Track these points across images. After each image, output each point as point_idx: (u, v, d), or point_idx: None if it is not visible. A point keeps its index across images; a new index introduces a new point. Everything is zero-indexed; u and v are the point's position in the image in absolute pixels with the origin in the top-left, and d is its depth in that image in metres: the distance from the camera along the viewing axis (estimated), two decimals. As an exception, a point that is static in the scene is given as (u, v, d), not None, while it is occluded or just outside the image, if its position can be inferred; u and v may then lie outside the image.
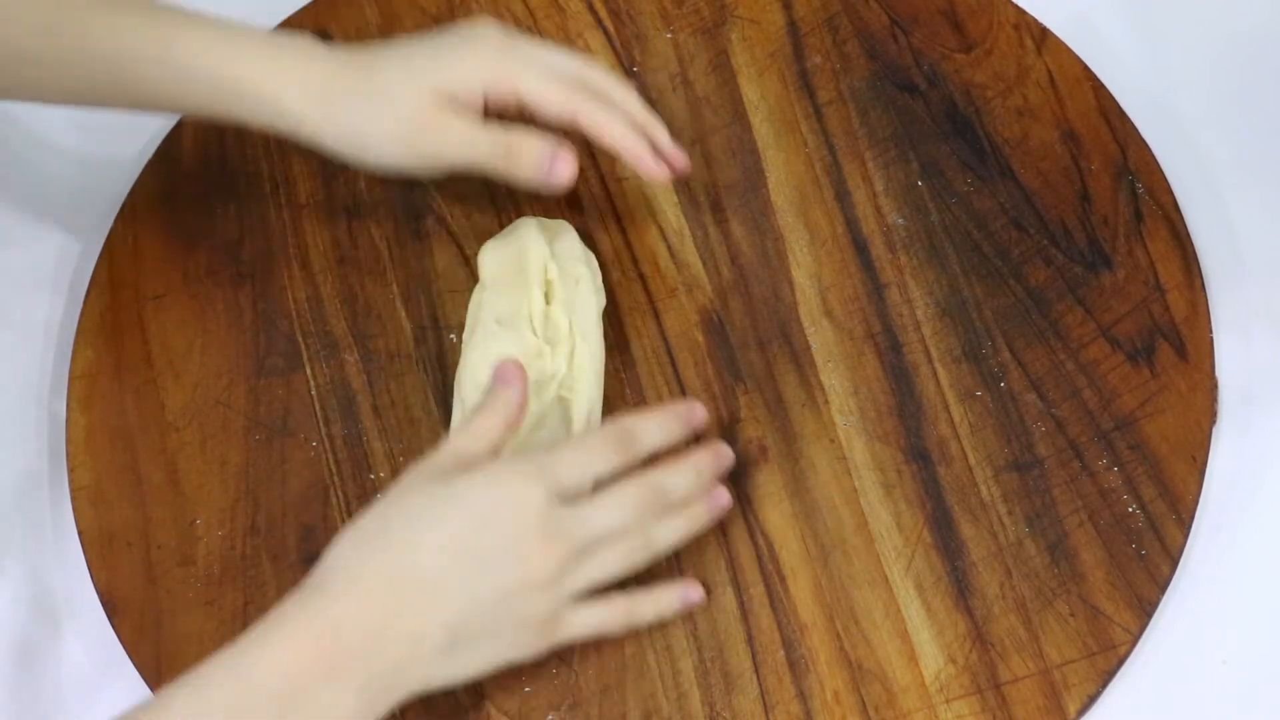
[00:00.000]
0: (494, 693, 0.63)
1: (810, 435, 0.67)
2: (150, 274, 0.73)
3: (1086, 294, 0.68)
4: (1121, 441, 0.65)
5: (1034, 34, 0.74)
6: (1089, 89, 0.73)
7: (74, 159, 0.79)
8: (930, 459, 0.66)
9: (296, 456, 0.69)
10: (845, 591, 0.64)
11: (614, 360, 0.69)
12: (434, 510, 0.57)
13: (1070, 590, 0.63)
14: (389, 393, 0.70)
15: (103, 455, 0.70)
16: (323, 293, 0.72)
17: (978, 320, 0.68)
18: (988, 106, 0.73)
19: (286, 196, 0.75)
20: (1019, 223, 0.70)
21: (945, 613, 0.63)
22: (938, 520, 0.65)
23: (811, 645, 0.63)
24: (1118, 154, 0.71)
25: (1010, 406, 0.66)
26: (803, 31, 0.76)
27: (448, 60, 0.65)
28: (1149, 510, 0.64)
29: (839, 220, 0.71)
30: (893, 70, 0.74)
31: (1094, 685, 0.61)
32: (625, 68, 0.76)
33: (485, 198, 0.74)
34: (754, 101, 0.75)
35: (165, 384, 0.71)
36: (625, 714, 0.62)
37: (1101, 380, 0.66)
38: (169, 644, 0.66)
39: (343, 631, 0.54)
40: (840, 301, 0.70)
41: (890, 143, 0.73)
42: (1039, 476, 0.65)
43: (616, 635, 0.62)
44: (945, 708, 0.61)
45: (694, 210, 0.72)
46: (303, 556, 0.66)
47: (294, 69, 0.64)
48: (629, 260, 0.72)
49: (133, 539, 0.68)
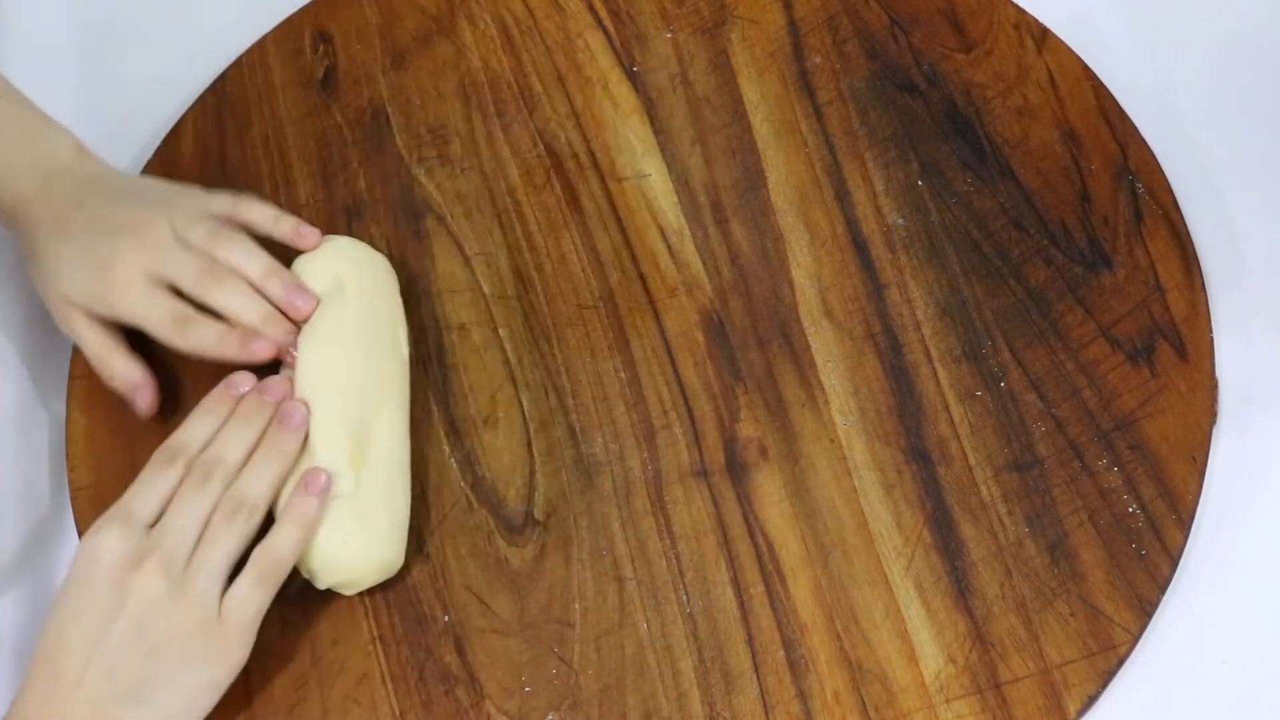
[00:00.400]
0: (494, 693, 0.63)
1: (810, 435, 0.67)
2: (150, 274, 0.73)
3: (1086, 294, 0.68)
4: (1121, 441, 0.65)
5: (1034, 34, 0.74)
6: (1089, 89, 0.73)
7: (74, 159, 0.79)
8: (930, 459, 0.66)
9: (296, 456, 0.69)
10: (845, 591, 0.64)
11: (614, 360, 0.69)
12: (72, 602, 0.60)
13: (1070, 590, 0.63)
14: (389, 393, 0.69)
15: (103, 455, 0.70)
16: (323, 293, 0.72)
17: (978, 320, 0.68)
18: (988, 106, 0.73)
19: (286, 196, 0.75)
20: (1019, 223, 0.70)
21: (945, 613, 0.63)
22: (938, 520, 0.65)
23: (811, 645, 0.63)
24: (1118, 154, 0.71)
25: (1010, 406, 0.66)
26: (803, 31, 0.76)
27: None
28: (1149, 510, 0.64)
29: (839, 220, 0.71)
30: (893, 70, 0.74)
31: (1094, 685, 0.61)
32: (625, 68, 0.76)
33: (485, 197, 0.74)
34: (754, 101, 0.75)
35: (165, 384, 0.70)
36: (625, 714, 0.62)
37: (1101, 380, 0.66)
38: (169, 644, 0.66)
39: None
40: (840, 301, 0.70)
41: (890, 143, 0.73)
42: (1039, 476, 0.65)
43: (282, 579, 0.62)
44: (945, 708, 0.61)
45: (694, 210, 0.72)
46: (303, 556, 0.66)
47: (45, 162, 0.69)
48: (629, 260, 0.72)
49: (133, 539, 0.68)
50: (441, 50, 0.78)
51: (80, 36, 0.83)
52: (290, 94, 0.77)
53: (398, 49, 0.78)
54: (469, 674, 0.64)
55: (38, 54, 0.81)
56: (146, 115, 0.79)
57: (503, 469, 0.68)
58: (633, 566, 0.65)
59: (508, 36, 0.78)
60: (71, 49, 0.77)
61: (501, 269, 0.72)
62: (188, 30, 0.82)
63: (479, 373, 0.70)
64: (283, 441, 0.64)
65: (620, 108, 0.75)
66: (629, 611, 0.64)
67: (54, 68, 0.81)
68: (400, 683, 0.64)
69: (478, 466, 0.68)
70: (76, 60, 0.81)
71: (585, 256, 0.72)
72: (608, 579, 0.65)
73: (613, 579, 0.65)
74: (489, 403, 0.69)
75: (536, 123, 0.75)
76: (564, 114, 0.76)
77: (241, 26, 0.79)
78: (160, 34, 0.83)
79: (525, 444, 0.68)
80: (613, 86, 0.76)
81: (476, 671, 0.64)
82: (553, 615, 0.64)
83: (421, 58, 0.78)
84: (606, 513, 0.66)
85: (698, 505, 0.66)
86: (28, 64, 0.81)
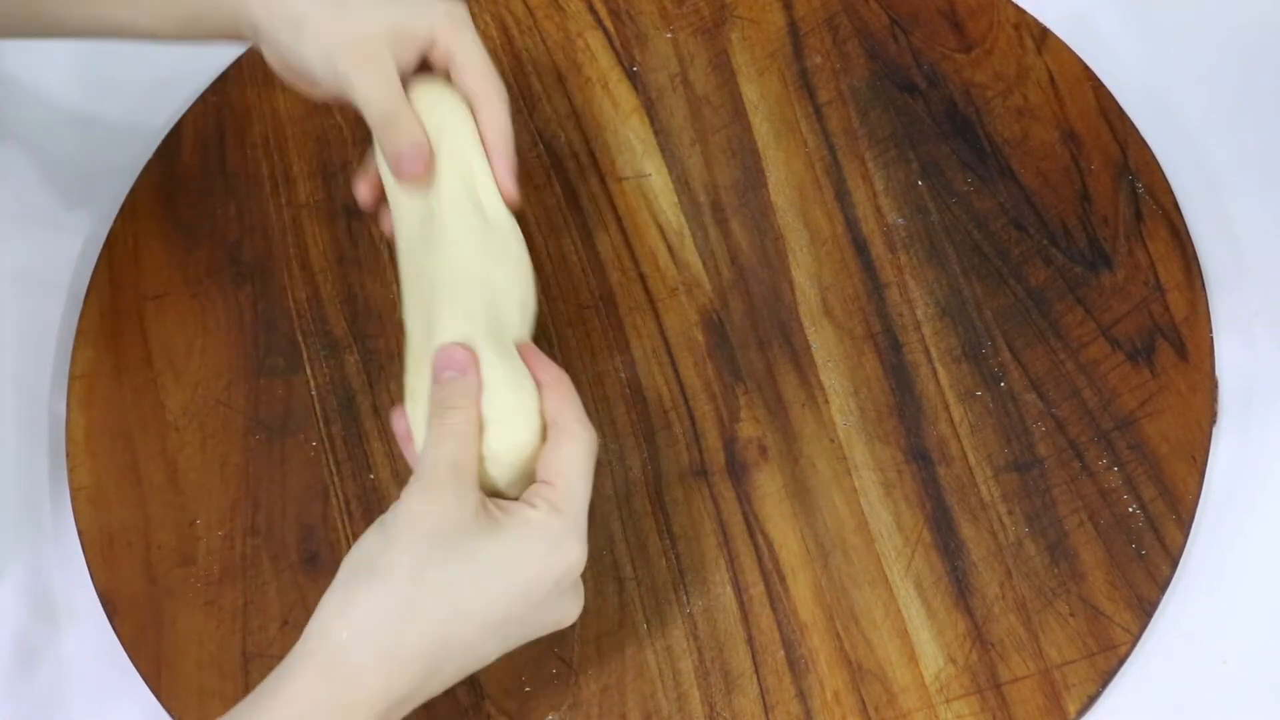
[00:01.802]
0: (494, 693, 0.63)
1: (810, 435, 0.67)
2: (150, 274, 0.73)
3: (1086, 294, 0.68)
4: (1121, 441, 0.65)
5: (1034, 34, 0.74)
6: (1089, 89, 0.73)
7: (74, 159, 0.79)
8: (930, 459, 0.66)
9: (296, 456, 0.69)
10: (845, 591, 0.64)
11: (614, 360, 0.69)
12: (477, 582, 0.52)
13: (1070, 590, 0.63)
14: (389, 393, 0.70)
15: (103, 455, 0.70)
16: (323, 293, 0.72)
17: (978, 320, 0.68)
18: (988, 106, 0.73)
19: (286, 196, 0.75)
20: (1019, 223, 0.70)
21: (945, 613, 0.63)
22: (938, 520, 0.65)
23: (811, 645, 0.63)
24: (1118, 154, 0.71)
25: (1010, 406, 0.66)
26: (803, 31, 0.76)
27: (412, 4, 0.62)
28: (1149, 510, 0.64)
29: (839, 220, 0.71)
30: (893, 70, 0.74)
31: (1094, 685, 0.61)
32: (625, 68, 0.76)
33: (485, 198, 0.74)
34: (754, 101, 0.75)
35: (165, 384, 0.71)
36: (625, 714, 0.62)
37: (1101, 380, 0.66)
38: (169, 644, 0.66)
39: (374, 704, 0.51)
40: (840, 301, 0.70)
41: (890, 143, 0.73)
42: (1039, 476, 0.65)
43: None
44: (945, 708, 0.61)
45: (694, 210, 0.72)
46: (303, 556, 0.67)
47: None
48: (629, 260, 0.72)
49: (133, 539, 0.68)
50: (441, 50, 0.78)
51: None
52: (290, 94, 0.77)
53: (398, 49, 0.78)
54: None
55: (38, 54, 0.81)
56: (146, 115, 0.79)
57: (503, 469, 0.68)
58: (633, 566, 0.65)
59: (508, 36, 0.78)
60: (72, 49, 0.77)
61: (501, 269, 0.72)
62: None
63: (479, 373, 0.70)
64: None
65: (620, 108, 0.75)
66: (629, 611, 0.64)
67: (54, 68, 0.81)
68: (400, 683, 0.64)
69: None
70: (76, 60, 0.81)
71: (585, 256, 0.72)
72: (608, 579, 0.65)
73: (613, 579, 0.65)
74: (489, 403, 0.69)
75: (536, 122, 0.76)
76: (564, 114, 0.76)
77: (241, 26, 0.79)
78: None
79: (525, 444, 0.68)
80: (613, 86, 0.76)
81: (476, 672, 0.64)
82: (553, 615, 0.64)
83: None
84: (606, 513, 0.66)
85: (698, 505, 0.66)
86: (28, 64, 0.82)
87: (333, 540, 0.67)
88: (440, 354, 0.55)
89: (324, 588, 0.65)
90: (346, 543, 0.67)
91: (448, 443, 0.54)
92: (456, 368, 0.55)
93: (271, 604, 0.66)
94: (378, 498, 0.68)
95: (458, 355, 0.55)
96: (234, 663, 0.65)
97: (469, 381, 0.55)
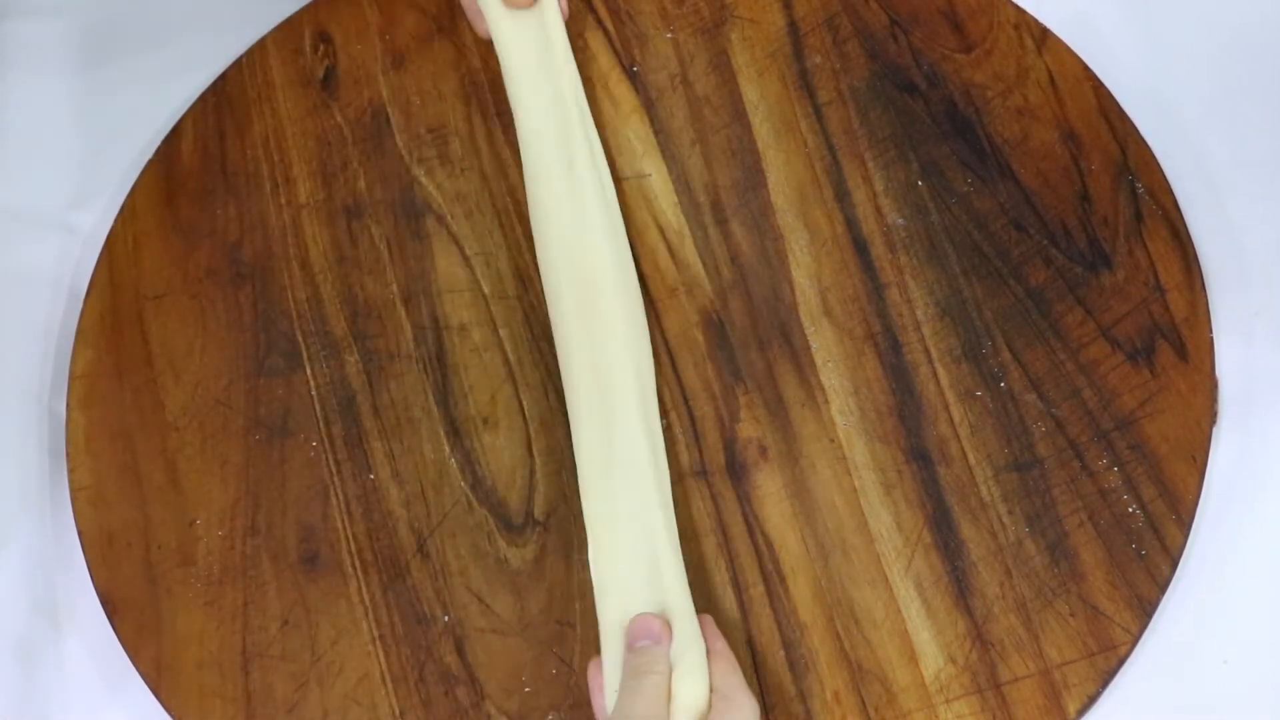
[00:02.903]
0: (494, 693, 0.63)
1: (810, 435, 0.67)
2: (150, 274, 0.73)
3: (1086, 294, 0.68)
4: (1121, 441, 0.65)
5: (1034, 34, 0.74)
6: (1089, 89, 0.73)
7: (74, 159, 0.79)
8: (930, 459, 0.66)
9: (296, 456, 0.69)
10: (845, 591, 0.64)
11: (614, 360, 0.69)
12: None
13: (1070, 590, 0.63)
14: (389, 393, 0.70)
15: (103, 455, 0.70)
16: (323, 293, 0.72)
17: (978, 320, 0.68)
18: (988, 106, 0.73)
19: (286, 196, 0.75)
20: (1019, 223, 0.70)
21: (945, 612, 0.63)
22: (938, 520, 0.65)
23: (811, 645, 0.63)
24: (1118, 154, 0.71)
25: (1010, 406, 0.66)
26: (803, 31, 0.76)
27: None
28: (1149, 510, 0.64)
29: (839, 220, 0.71)
30: (893, 70, 0.74)
31: (1094, 685, 0.61)
32: (625, 68, 0.76)
33: (485, 197, 0.74)
34: (754, 101, 0.75)
35: (165, 384, 0.71)
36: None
37: (1101, 380, 0.66)
38: (169, 644, 0.66)
39: None
40: (840, 301, 0.70)
41: (890, 143, 0.73)
42: (1039, 476, 0.65)
43: None
44: (945, 708, 0.61)
45: (694, 210, 0.72)
46: (302, 556, 0.67)
47: None
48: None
49: (133, 539, 0.68)
50: (441, 50, 0.78)
51: (81, 36, 0.83)
52: (290, 94, 0.77)
53: (398, 49, 0.78)
54: (469, 674, 0.64)
55: (39, 54, 0.82)
56: (146, 115, 0.79)
57: (503, 469, 0.68)
58: (633, 566, 0.65)
59: (508, 36, 0.78)
60: (72, 49, 0.77)
61: (501, 269, 0.72)
62: (188, 30, 0.82)
63: (479, 373, 0.70)
64: None
65: (620, 108, 0.75)
66: (629, 611, 0.64)
67: (54, 68, 0.81)
68: (400, 683, 0.64)
69: (478, 466, 0.68)
70: (77, 60, 0.81)
71: (585, 256, 0.72)
72: (608, 579, 0.65)
73: (613, 579, 0.65)
74: (489, 403, 0.69)
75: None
76: (564, 114, 0.76)
77: (241, 26, 0.79)
78: (160, 34, 0.83)
79: (525, 444, 0.68)
80: (613, 86, 0.76)
81: (476, 671, 0.64)
82: (553, 615, 0.64)
83: (421, 58, 0.78)
84: (606, 513, 0.66)
85: (698, 505, 0.66)
86: (29, 64, 0.82)
87: (333, 540, 0.67)
88: (636, 624, 0.59)
89: (324, 588, 0.65)
90: (346, 543, 0.67)
91: (640, 705, 0.57)
92: (652, 637, 0.59)
93: (271, 604, 0.66)
94: (378, 498, 0.68)
95: (653, 627, 0.59)
96: (234, 663, 0.65)
97: (662, 651, 0.59)
